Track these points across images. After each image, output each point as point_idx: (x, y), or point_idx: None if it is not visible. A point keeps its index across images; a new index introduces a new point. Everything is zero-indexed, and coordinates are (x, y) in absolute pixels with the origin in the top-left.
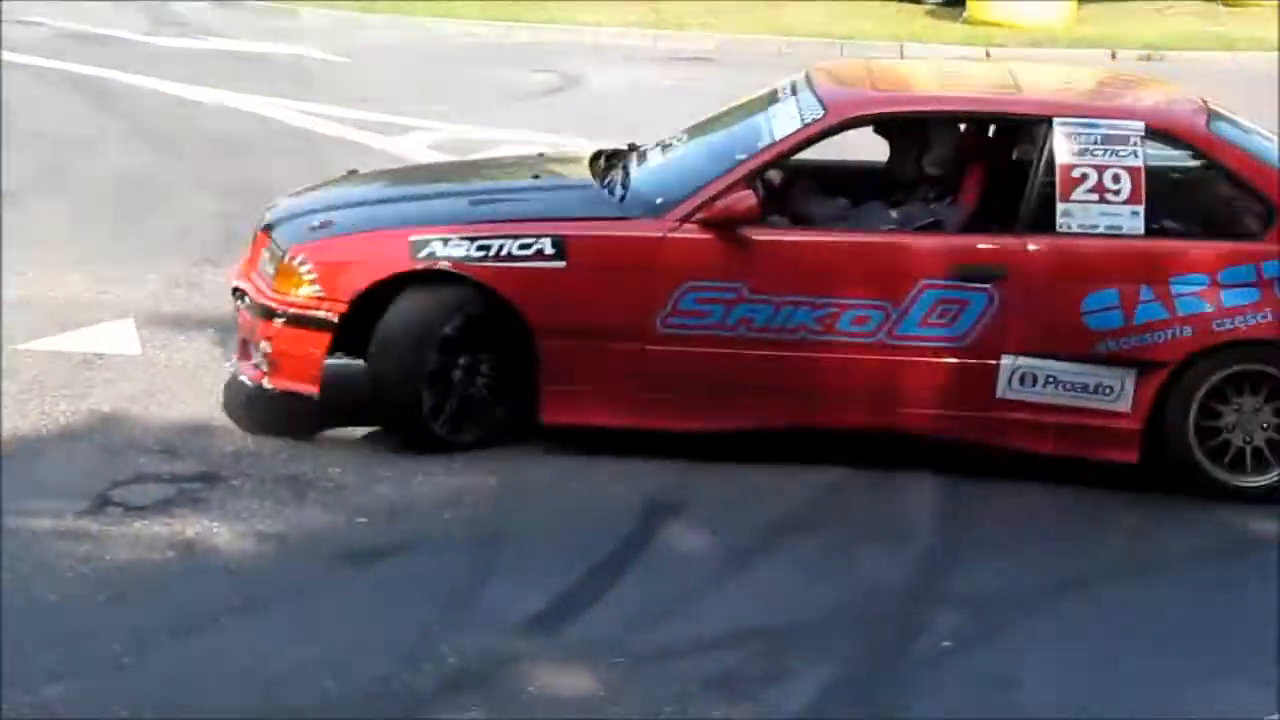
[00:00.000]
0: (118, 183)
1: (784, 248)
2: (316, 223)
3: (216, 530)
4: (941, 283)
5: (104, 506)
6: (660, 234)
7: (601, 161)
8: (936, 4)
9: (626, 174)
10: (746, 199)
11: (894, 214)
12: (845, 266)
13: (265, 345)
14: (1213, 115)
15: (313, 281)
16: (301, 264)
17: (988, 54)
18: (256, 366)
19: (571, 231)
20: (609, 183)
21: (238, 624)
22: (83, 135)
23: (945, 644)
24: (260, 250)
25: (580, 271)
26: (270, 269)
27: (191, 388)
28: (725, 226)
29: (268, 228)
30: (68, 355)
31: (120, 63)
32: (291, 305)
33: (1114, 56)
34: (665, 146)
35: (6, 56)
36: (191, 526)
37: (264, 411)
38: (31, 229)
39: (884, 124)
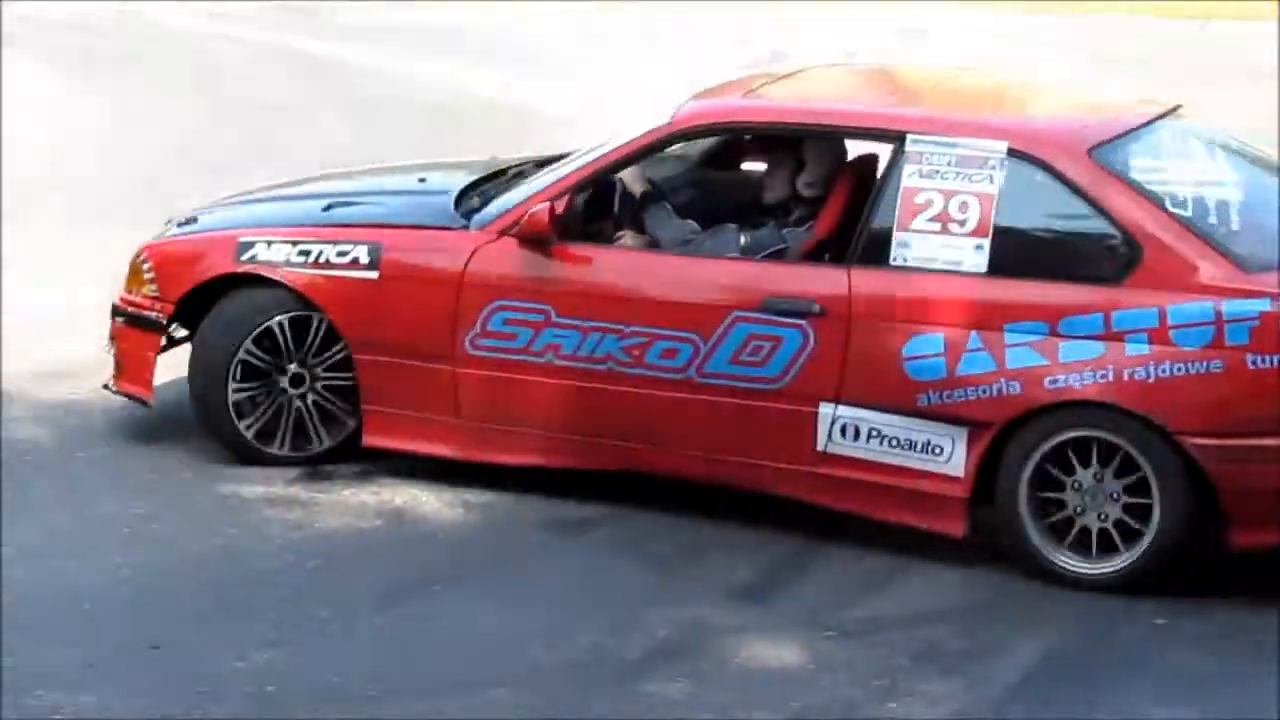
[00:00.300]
0: (322, 153)
1: (591, 268)
2: (183, 219)
3: (424, 499)
4: (753, 316)
5: (314, 475)
6: (471, 247)
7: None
8: None
9: (506, 186)
10: (542, 211)
11: (743, 239)
12: (653, 292)
13: (112, 345)
14: (1127, 137)
15: (151, 281)
16: (144, 262)
17: None
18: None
19: (388, 240)
20: (479, 194)
21: (446, 592)
22: (290, 104)
23: (1158, 621)
24: None
25: (391, 283)
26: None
27: None
28: (534, 242)
29: (168, 223)
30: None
31: (330, 33)
32: (132, 305)
33: None
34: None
35: (214, 27)
36: (400, 495)
37: None
38: None
39: (760, 137)
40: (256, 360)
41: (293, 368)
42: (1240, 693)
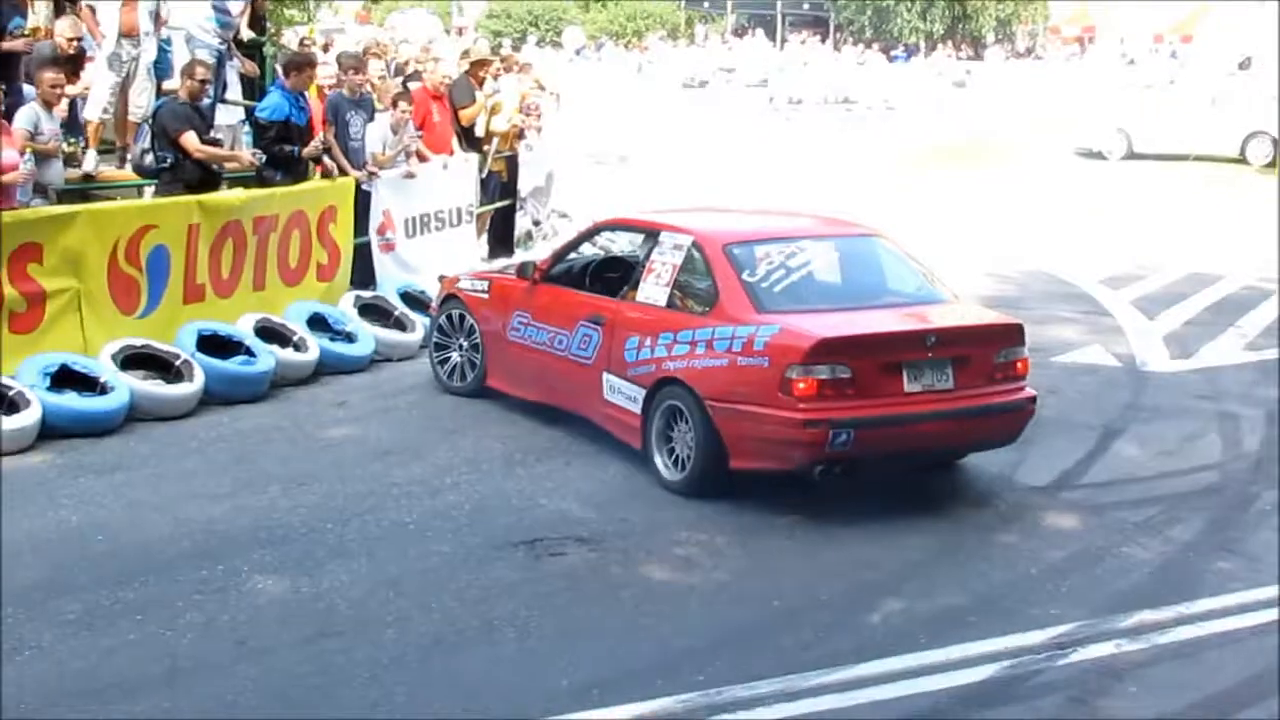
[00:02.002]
0: None
1: (544, 296)
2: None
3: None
4: (584, 323)
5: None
6: (514, 284)
7: None
8: None
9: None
10: (526, 265)
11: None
12: (558, 310)
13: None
14: (766, 240)
15: (436, 295)
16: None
17: None
18: None
19: (495, 279)
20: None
21: None
22: None
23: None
24: None
25: (492, 300)
26: None
27: None
28: (531, 280)
29: None
30: None
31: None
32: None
33: None
34: None
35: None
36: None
37: None
38: None
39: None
40: (441, 334)
41: (461, 341)
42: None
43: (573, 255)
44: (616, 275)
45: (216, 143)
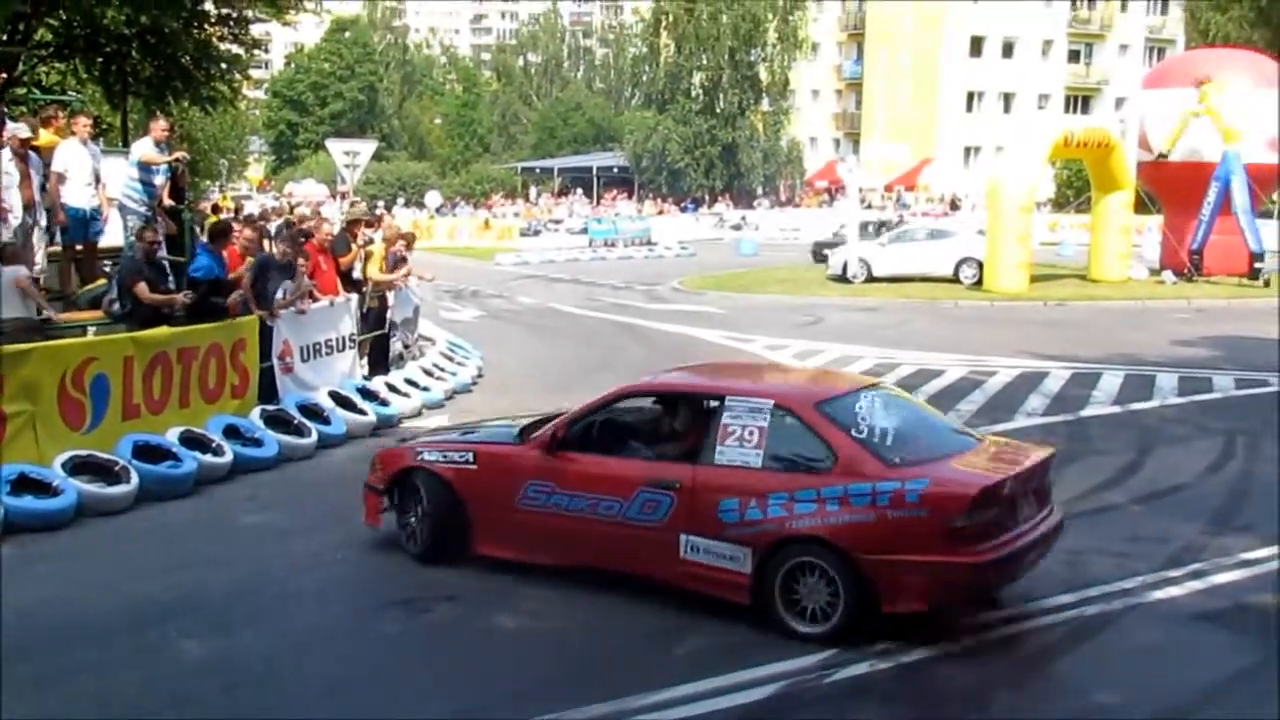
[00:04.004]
0: (627, 368)
1: (572, 464)
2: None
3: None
4: (645, 489)
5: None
6: (519, 453)
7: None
8: None
9: (542, 424)
10: (544, 435)
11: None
12: (600, 477)
13: (362, 503)
14: (844, 396)
15: (377, 470)
16: (376, 460)
17: None
18: None
19: (481, 449)
20: (532, 427)
21: None
22: (617, 344)
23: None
24: None
25: (484, 470)
26: None
27: None
28: (545, 449)
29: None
30: None
31: (646, 315)
32: (372, 481)
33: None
34: None
35: (587, 311)
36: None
37: None
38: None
39: (656, 398)
40: (402, 507)
41: (418, 511)
42: None
43: (591, 419)
44: (667, 440)
45: (168, 291)
